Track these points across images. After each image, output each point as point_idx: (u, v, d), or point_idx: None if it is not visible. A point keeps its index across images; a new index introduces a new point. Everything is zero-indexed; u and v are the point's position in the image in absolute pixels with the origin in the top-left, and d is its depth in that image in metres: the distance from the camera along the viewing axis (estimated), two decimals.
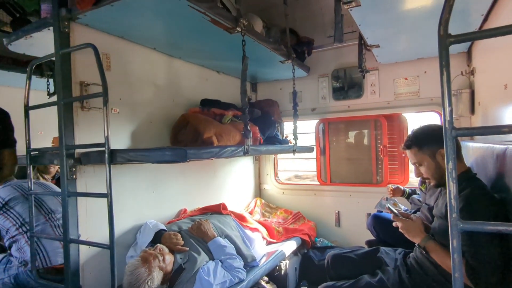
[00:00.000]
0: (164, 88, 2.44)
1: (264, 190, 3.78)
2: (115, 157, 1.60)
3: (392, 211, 1.88)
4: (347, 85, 3.24)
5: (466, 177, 1.58)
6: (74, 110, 1.74)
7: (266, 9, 3.02)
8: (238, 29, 1.97)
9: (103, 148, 1.53)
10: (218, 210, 2.55)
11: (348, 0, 1.72)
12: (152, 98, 2.32)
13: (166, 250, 1.88)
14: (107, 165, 1.51)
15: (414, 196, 2.55)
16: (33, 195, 1.74)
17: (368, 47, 2.52)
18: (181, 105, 2.56)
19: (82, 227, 1.73)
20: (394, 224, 1.81)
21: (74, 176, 1.70)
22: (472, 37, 0.91)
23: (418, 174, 1.77)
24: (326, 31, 3.17)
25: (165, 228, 2.12)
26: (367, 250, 2.11)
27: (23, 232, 1.81)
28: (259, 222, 2.86)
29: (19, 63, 2.49)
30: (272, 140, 2.89)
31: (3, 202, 1.84)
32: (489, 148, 1.60)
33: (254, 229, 2.63)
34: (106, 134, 1.51)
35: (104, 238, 1.55)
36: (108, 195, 1.48)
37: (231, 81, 3.21)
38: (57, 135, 1.72)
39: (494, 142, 1.65)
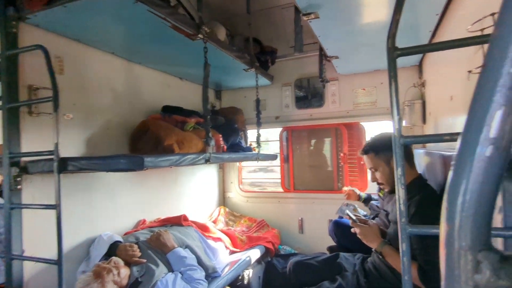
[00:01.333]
0: (123, 94, 2.35)
1: (228, 199, 3.75)
2: (65, 165, 1.51)
3: (350, 217, 1.94)
4: (310, 94, 3.33)
5: (418, 184, 1.67)
6: (20, 116, 1.62)
7: (230, 18, 3.04)
8: (200, 36, 1.96)
9: (51, 156, 1.44)
10: (178, 222, 2.47)
11: (307, 12, 1.78)
12: (110, 104, 2.22)
13: (121, 263, 1.78)
14: (56, 174, 1.42)
15: (373, 202, 2.65)
16: None
17: (328, 58, 2.61)
18: (141, 112, 2.48)
19: (28, 242, 1.60)
20: (352, 230, 1.87)
21: (19, 187, 1.57)
22: (416, 51, 0.98)
23: (374, 179, 1.85)
24: (289, 41, 3.25)
25: (121, 239, 2.02)
26: (327, 256, 2.16)
27: None
28: (222, 231, 2.82)
29: None
30: (236, 147, 2.88)
31: None
32: (437, 155, 1.71)
33: (217, 239, 2.59)
34: (55, 141, 1.43)
35: (52, 253, 1.45)
36: (56, 206, 1.39)
37: (194, 88, 3.17)
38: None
39: (443, 149, 1.77)
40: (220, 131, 2.70)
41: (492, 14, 1.11)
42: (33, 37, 1.71)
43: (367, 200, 2.66)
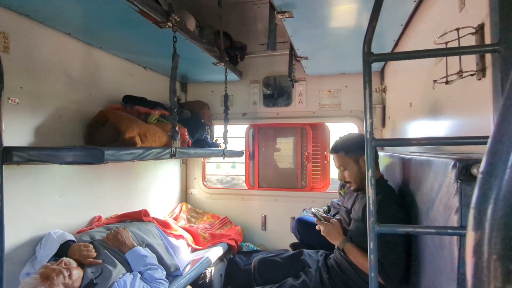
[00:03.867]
0: (79, 79, 2.15)
1: (191, 195, 3.64)
2: (10, 155, 1.34)
3: (315, 215, 1.97)
4: (277, 92, 3.33)
5: (380, 183, 1.72)
6: None
7: (200, 8, 2.93)
8: (169, 24, 1.85)
9: None
10: (139, 217, 2.34)
11: (282, 10, 1.76)
12: (63, 89, 2.02)
13: (73, 264, 1.64)
14: None
15: (334, 200, 2.72)
16: None
17: (297, 58, 2.62)
18: (100, 101, 2.30)
19: None
20: (317, 227, 1.90)
21: None
22: (390, 57, 1.00)
23: (342, 177, 1.88)
24: (259, 38, 3.22)
25: (73, 238, 1.85)
26: (292, 253, 2.17)
27: None
28: (184, 229, 2.73)
29: None
30: (202, 143, 2.80)
31: None
32: (397, 157, 1.79)
33: (179, 236, 2.49)
34: None
35: None
36: None
37: (159, 78, 3.02)
38: None
39: (400, 152, 1.85)
40: (186, 125, 2.59)
41: (457, 29, 1.16)
42: None
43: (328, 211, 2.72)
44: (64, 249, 1.74)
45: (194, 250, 2.63)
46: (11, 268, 1.62)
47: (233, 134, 3.62)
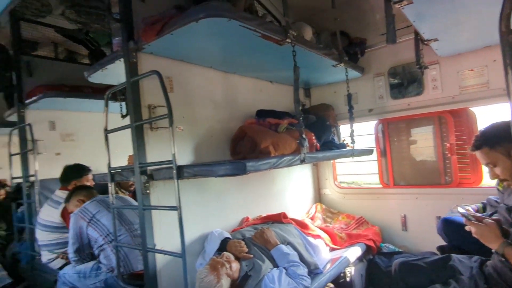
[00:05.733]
0: (221, 102, 2.57)
1: (324, 195, 3.73)
2: (182, 172, 1.74)
3: (463, 215, 1.73)
4: (406, 81, 3.06)
5: None
6: (144, 132, 1.92)
7: (315, 14, 3.01)
8: (288, 40, 2.01)
9: (171, 165, 1.67)
10: (279, 219, 2.59)
11: (398, 0, 1.66)
12: (211, 113, 2.46)
13: (232, 257, 1.96)
14: (175, 180, 1.65)
15: (491, 197, 2.30)
16: (115, 209, 1.97)
17: (425, 42, 2.37)
18: (238, 118, 2.67)
19: (157, 236, 1.89)
20: (466, 228, 1.67)
21: (148, 191, 1.88)
22: None
23: (494, 175, 1.61)
24: (379, 29, 3.04)
25: (230, 236, 2.22)
26: (437, 257, 1.97)
27: (109, 242, 2.06)
28: (321, 229, 2.83)
29: (97, 91, 2.83)
30: (329, 145, 2.85)
31: (91, 216, 2.11)
32: None
33: (317, 236, 2.61)
34: (173, 152, 1.66)
35: (176, 247, 1.69)
36: (178, 208, 1.62)
37: (284, 89, 3.25)
38: (130, 152, 1.93)
39: None
40: (312, 129, 2.71)
41: None
42: (148, 63, 1.99)
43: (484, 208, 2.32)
44: (224, 244, 2.11)
45: (332, 249, 2.70)
46: (189, 259, 2.07)
47: (361, 132, 3.53)
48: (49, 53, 3.53)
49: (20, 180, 3.16)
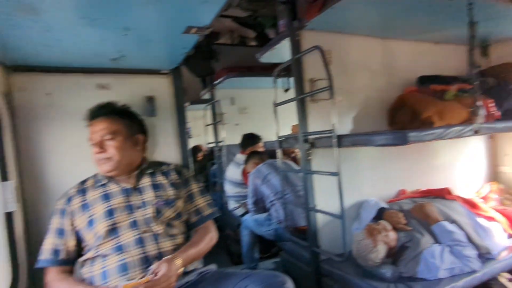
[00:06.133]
0: (378, 71, 2.50)
1: (502, 174, 3.13)
2: (341, 141, 1.85)
3: None
4: None
5: None
6: (306, 104, 2.12)
7: None
8: None
9: (330, 134, 1.81)
10: (441, 194, 2.38)
11: None
12: (367, 83, 2.44)
13: (388, 227, 1.99)
14: (335, 148, 1.78)
15: None
16: (282, 172, 2.31)
17: None
18: (396, 86, 2.53)
19: (317, 198, 2.11)
20: None
21: (309, 157, 2.09)
22: None
23: None
24: None
25: (386, 206, 2.23)
26: None
27: (278, 198, 2.45)
28: (498, 211, 2.44)
29: (264, 69, 3.22)
30: None
31: (264, 176, 2.54)
32: None
33: (490, 218, 2.28)
34: (333, 122, 1.78)
35: (334, 209, 1.84)
36: (338, 174, 1.75)
37: (451, 50, 2.82)
38: (292, 123, 2.20)
39: None
40: (491, 95, 2.29)
41: None
42: (309, 39, 2.13)
43: None
44: (380, 213, 2.15)
45: (510, 236, 2.30)
46: (347, 222, 2.23)
47: None
48: (226, 40, 4.34)
49: (212, 145, 4.10)
